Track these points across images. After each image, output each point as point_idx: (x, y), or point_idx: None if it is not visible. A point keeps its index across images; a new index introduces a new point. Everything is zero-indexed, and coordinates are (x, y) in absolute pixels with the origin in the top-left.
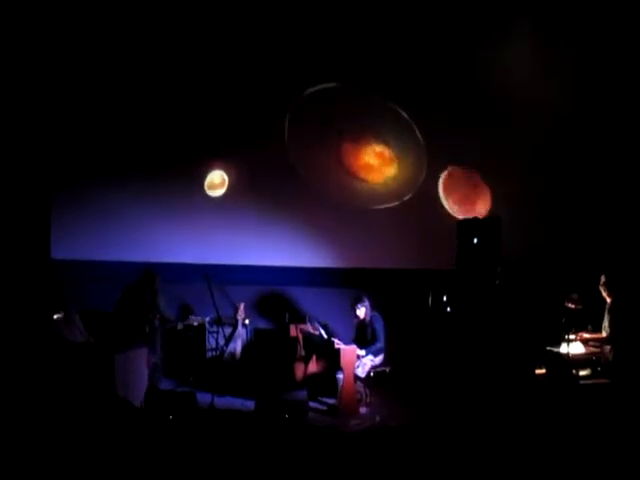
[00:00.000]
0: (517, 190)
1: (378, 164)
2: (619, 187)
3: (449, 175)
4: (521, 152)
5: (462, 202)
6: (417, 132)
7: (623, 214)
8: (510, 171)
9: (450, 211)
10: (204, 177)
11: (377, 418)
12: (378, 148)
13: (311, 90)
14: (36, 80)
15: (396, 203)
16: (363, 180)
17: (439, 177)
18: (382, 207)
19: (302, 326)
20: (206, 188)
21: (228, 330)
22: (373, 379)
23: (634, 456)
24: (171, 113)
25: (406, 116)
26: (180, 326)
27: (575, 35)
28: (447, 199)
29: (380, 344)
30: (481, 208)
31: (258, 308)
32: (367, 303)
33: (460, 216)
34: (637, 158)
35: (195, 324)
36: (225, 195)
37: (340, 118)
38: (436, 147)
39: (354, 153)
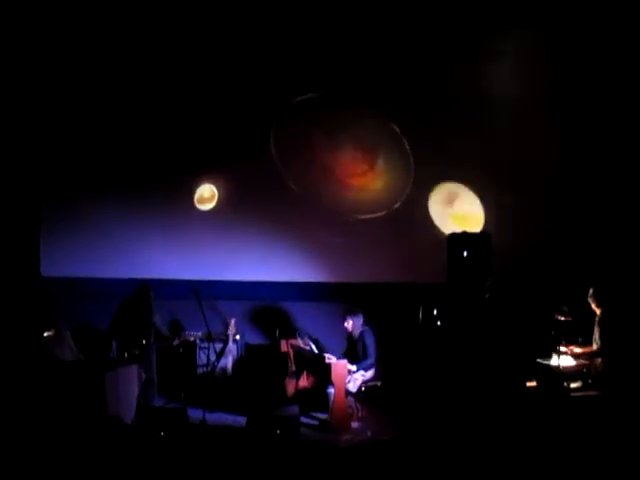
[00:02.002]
0: (506, 202)
1: (366, 174)
2: (607, 199)
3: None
4: (509, 164)
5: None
6: (405, 142)
7: (611, 226)
8: (499, 182)
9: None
10: (193, 192)
11: (369, 433)
12: (366, 158)
13: (297, 100)
14: (26, 95)
15: (383, 213)
16: (351, 190)
17: (431, 193)
18: (370, 217)
19: (293, 341)
20: (196, 202)
21: (219, 346)
22: (364, 393)
23: (625, 468)
24: (160, 127)
25: (394, 127)
26: (176, 342)
27: (562, 40)
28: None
29: (370, 360)
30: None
31: (249, 323)
32: (359, 317)
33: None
34: (626, 171)
35: (192, 339)
36: (215, 210)
37: (327, 129)
38: (423, 157)
39: (342, 164)
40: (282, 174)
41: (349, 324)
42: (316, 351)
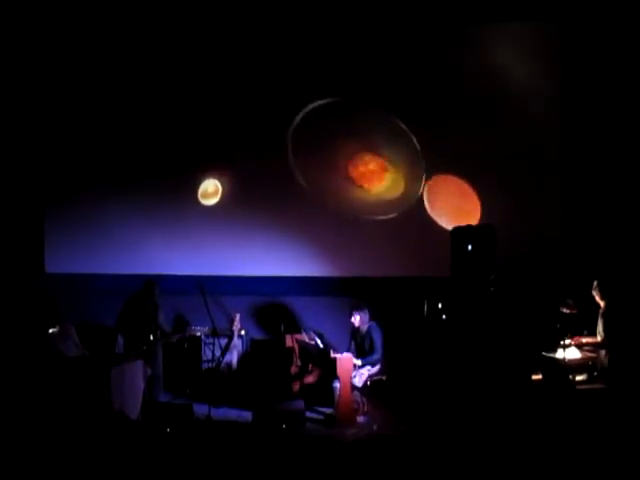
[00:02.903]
0: (511, 196)
1: (375, 175)
2: (612, 192)
3: (433, 184)
4: (516, 160)
5: (449, 211)
6: (415, 143)
7: (615, 218)
8: (505, 178)
9: (438, 221)
10: (198, 187)
11: (374, 427)
12: (376, 159)
13: (310, 104)
14: (28, 94)
15: (393, 215)
16: (360, 190)
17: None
18: (379, 218)
19: (298, 336)
20: (200, 197)
21: (224, 341)
22: (370, 388)
23: (631, 461)
24: (164, 122)
25: (404, 127)
26: (174, 339)
27: (567, 38)
28: (433, 209)
29: (377, 355)
30: (471, 217)
31: (254, 319)
32: (365, 312)
33: (449, 225)
34: (630, 165)
35: (197, 334)
36: (219, 205)
37: (339, 129)
38: (433, 157)
39: (351, 164)
40: (292, 169)
41: (356, 319)
42: (321, 346)
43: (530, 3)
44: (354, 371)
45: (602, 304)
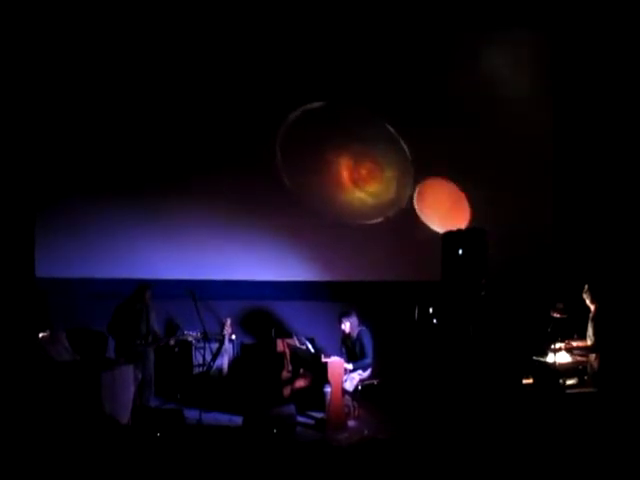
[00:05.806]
0: (502, 201)
1: (365, 179)
2: (603, 196)
3: (424, 188)
4: (508, 164)
5: (440, 214)
6: (404, 147)
7: (606, 222)
8: (496, 183)
9: (429, 224)
10: (189, 192)
11: (365, 431)
12: (365, 163)
13: (299, 106)
14: (22, 93)
15: (381, 219)
16: (350, 195)
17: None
18: (369, 223)
19: (289, 340)
20: None
21: (215, 346)
22: (361, 392)
23: (621, 464)
24: (156, 127)
25: (393, 131)
26: (172, 342)
27: (558, 45)
28: (422, 211)
29: (368, 360)
30: (461, 220)
31: (244, 323)
32: (354, 318)
33: (439, 228)
34: (621, 170)
35: (190, 339)
36: (211, 209)
37: (328, 134)
38: (423, 161)
39: (341, 168)
40: (283, 174)
41: (346, 326)
42: (312, 350)
43: (521, 10)
44: (345, 375)
45: (592, 308)
